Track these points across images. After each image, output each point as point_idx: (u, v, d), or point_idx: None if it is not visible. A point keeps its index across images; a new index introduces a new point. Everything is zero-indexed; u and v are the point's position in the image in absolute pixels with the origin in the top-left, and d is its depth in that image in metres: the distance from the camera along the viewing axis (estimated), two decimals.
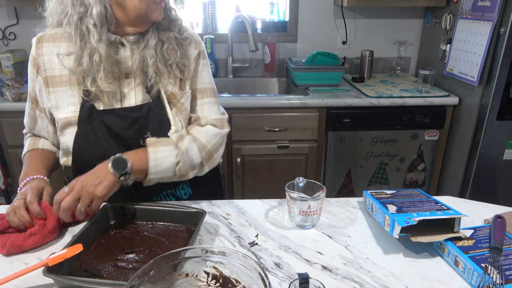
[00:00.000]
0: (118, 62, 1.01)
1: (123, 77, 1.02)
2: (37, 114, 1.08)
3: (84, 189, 0.88)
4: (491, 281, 0.71)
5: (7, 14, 2.37)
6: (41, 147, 1.11)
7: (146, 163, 0.96)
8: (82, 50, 0.95)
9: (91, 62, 0.95)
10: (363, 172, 2.23)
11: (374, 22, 2.55)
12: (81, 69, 0.96)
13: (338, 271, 0.80)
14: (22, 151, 1.12)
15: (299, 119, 2.06)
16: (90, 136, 1.00)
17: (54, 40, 1.01)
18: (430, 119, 2.12)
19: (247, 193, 2.21)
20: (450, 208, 0.89)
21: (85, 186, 0.88)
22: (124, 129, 1.01)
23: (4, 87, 2.00)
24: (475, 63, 1.94)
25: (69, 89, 1.00)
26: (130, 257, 0.82)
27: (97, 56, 0.94)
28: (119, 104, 1.02)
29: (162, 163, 0.98)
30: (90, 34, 0.93)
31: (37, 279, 0.76)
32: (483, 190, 2.10)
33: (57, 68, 1.00)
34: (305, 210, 0.92)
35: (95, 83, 0.97)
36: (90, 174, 0.91)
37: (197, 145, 1.04)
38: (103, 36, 0.95)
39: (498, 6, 1.78)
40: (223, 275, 0.68)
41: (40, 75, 1.01)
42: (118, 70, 1.01)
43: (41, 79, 1.01)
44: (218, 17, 2.55)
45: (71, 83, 1.00)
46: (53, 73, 1.00)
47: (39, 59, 1.01)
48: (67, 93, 1.00)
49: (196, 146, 1.04)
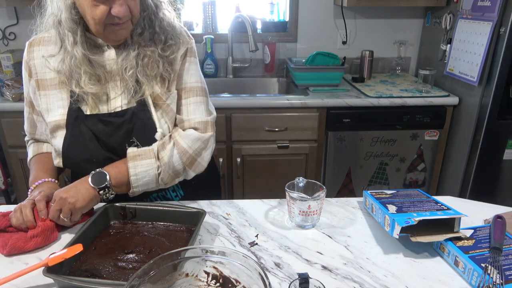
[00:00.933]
0: (102, 65, 1.00)
1: (109, 80, 1.01)
2: (35, 118, 1.09)
3: (65, 202, 0.91)
4: (491, 281, 0.71)
5: (7, 14, 2.37)
6: (46, 151, 1.12)
7: (127, 176, 0.98)
8: (63, 53, 0.96)
9: (71, 65, 0.96)
10: (363, 172, 2.23)
11: (374, 22, 2.55)
12: (64, 71, 0.97)
13: (338, 271, 0.80)
14: (22, 151, 1.13)
15: (299, 119, 2.06)
16: (77, 139, 1.00)
17: (43, 43, 1.02)
18: (430, 119, 2.12)
19: (247, 193, 2.21)
20: (450, 208, 0.89)
21: (66, 199, 0.91)
22: (109, 135, 1.01)
23: (4, 87, 2.00)
24: (475, 63, 1.94)
25: (58, 92, 1.01)
26: (130, 257, 0.82)
27: (74, 59, 0.95)
28: (106, 106, 1.02)
29: (143, 177, 0.99)
30: (66, 37, 0.94)
31: (37, 279, 0.76)
32: (483, 190, 2.10)
33: (48, 72, 1.01)
34: (305, 210, 0.92)
35: (78, 85, 0.97)
36: (71, 187, 0.94)
37: (178, 151, 1.03)
38: (79, 40, 0.94)
39: (498, 6, 1.78)
40: (223, 275, 0.68)
41: (33, 78, 1.02)
42: (102, 72, 0.99)
43: (34, 82, 1.02)
44: (218, 17, 2.55)
45: (60, 86, 1.01)
46: (44, 76, 1.01)
47: (30, 63, 1.02)
48: (57, 96, 1.01)
49: (177, 153, 1.03)
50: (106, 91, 1.02)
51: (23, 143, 1.15)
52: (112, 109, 1.02)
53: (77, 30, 0.94)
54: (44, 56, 1.00)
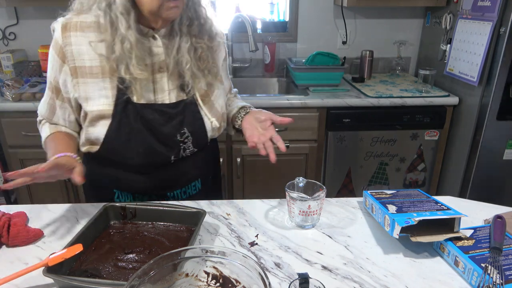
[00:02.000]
0: (150, 53, 1.00)
1: (156, 71, 1.02)
2: (58, 104, 1.04)
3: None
4: (491, 281, 0.71)
5: (7, 14, 2.37)
6: (64, 130, 1.08)
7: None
8: (113, 37, 0.95)
9: (123, 49, 0.94)
10: (363, 172, 2.23)
11: (374, 22, 2.55)
12: (114, 56, 0.96)
13: (338, 271, 0.80)
14: (22, 151, 1.12)
15: (299, 119, 2.06)
16: (124, 128, 1.00)
17: (82, 29, 0.97)
18: (430, 119, 2.12)
19: (247, 193, 2.21)
20: (450, 208, 0.89)
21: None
22: (161, 124, 1.02)
23: (4, 87, 2.00)
24: (475, 63, 1.94)
25: (100, 81, 0.99)
26: (130, 257, 0.82)
27: (127, 43, 0.94)
28: (152, 96, 1.03)
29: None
30: (118, 21, 0.93)
31: (37, 279, 0.76)
32: (483, 190, 2.10)
33: (87, 59, 0.98)
34: (305, 210, 0.92)
35: (128, 71, 0.96)
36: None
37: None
38: (132, 24, 0.94)
39: (498, 6, 1.78)
40: (223, 275, 0.68)
41: (67, 64, 0.98)
42: (150, 61, 1.00)
43: (68, 69, 0.98)
44: (218, 17, 2.55)
45: (103, 75, 0.99)
46: (82, 63, 0.98)
47: (66, 48, 0.97)
48: (99, 85, 0.99)
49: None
50: (153, 81, 1.02)
51: (23, 143, 1.15)
52: (160, 99, 1.03)
53: (130, 13, 0.93)
54: (94, 42, 0.97)
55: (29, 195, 2.15)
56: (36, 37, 2.38)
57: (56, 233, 0.93)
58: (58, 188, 2.13)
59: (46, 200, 2.13)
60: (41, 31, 2.35)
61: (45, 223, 0.97)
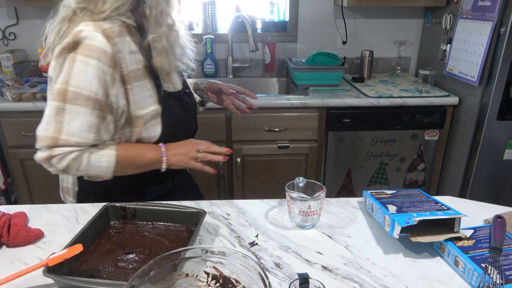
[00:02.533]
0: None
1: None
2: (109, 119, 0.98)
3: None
4: (491, 281, 0.71)
5: (7, 14, 2.37)
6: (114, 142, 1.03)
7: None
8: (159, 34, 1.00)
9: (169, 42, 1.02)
10: (363, 172, 2.23)
11: (374, 22, 2.55)
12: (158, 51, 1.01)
13: (338, 271, 0.81)
14: (22, 151, 1.12)
15: (299, 119, 2.06)
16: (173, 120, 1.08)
17: (120, 35, 0.97)
18: (430, 119, 2.12)
19: (247, 193, 2.21)
20: (450, 208, 0.89)
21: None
22: (190, 107, 1.18)
23: (4, 87, 2.00)
24: (475, 63, 1.94)
25: (143, 83, 1.02)
26: (130, 257, 0.82)
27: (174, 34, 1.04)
28: (170, 84, 1.10)
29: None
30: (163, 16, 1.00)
31: (37, 279, 0.76)
32: (483, 190, 2.10)
33: (129, 64, 0.98)
34: (305, 210, 0.92)
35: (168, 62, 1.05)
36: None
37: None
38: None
39: (498, 6, 1.78)
40: (223, 275, 0.68)
41: (117, 72, 0.96)
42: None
43: (118, 77, 0.96)
44: (218, 17, 2.55)
45: (144, 76, 1.02)
46: (128, 69, 0.98)
47: (118, 56, 0.95)
48: (142, 87, 1.01)
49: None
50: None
51: (23, 143, 1.15)
52: (176, 86, 1.12)
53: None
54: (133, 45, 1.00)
55: (29, 195, 2.15)
56: (36, 37, 2.36)
57: (56, 233, 0.93)
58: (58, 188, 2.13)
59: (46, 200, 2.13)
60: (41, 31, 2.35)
61: (45, 223, 0.97)
